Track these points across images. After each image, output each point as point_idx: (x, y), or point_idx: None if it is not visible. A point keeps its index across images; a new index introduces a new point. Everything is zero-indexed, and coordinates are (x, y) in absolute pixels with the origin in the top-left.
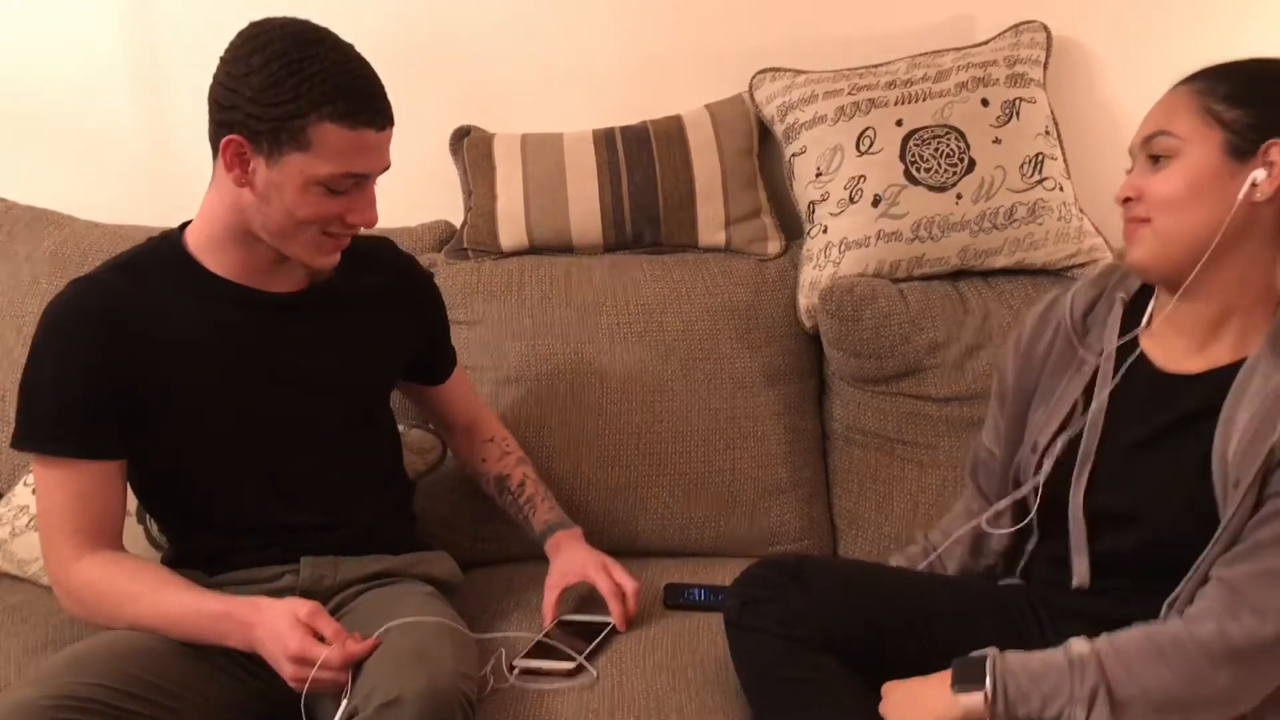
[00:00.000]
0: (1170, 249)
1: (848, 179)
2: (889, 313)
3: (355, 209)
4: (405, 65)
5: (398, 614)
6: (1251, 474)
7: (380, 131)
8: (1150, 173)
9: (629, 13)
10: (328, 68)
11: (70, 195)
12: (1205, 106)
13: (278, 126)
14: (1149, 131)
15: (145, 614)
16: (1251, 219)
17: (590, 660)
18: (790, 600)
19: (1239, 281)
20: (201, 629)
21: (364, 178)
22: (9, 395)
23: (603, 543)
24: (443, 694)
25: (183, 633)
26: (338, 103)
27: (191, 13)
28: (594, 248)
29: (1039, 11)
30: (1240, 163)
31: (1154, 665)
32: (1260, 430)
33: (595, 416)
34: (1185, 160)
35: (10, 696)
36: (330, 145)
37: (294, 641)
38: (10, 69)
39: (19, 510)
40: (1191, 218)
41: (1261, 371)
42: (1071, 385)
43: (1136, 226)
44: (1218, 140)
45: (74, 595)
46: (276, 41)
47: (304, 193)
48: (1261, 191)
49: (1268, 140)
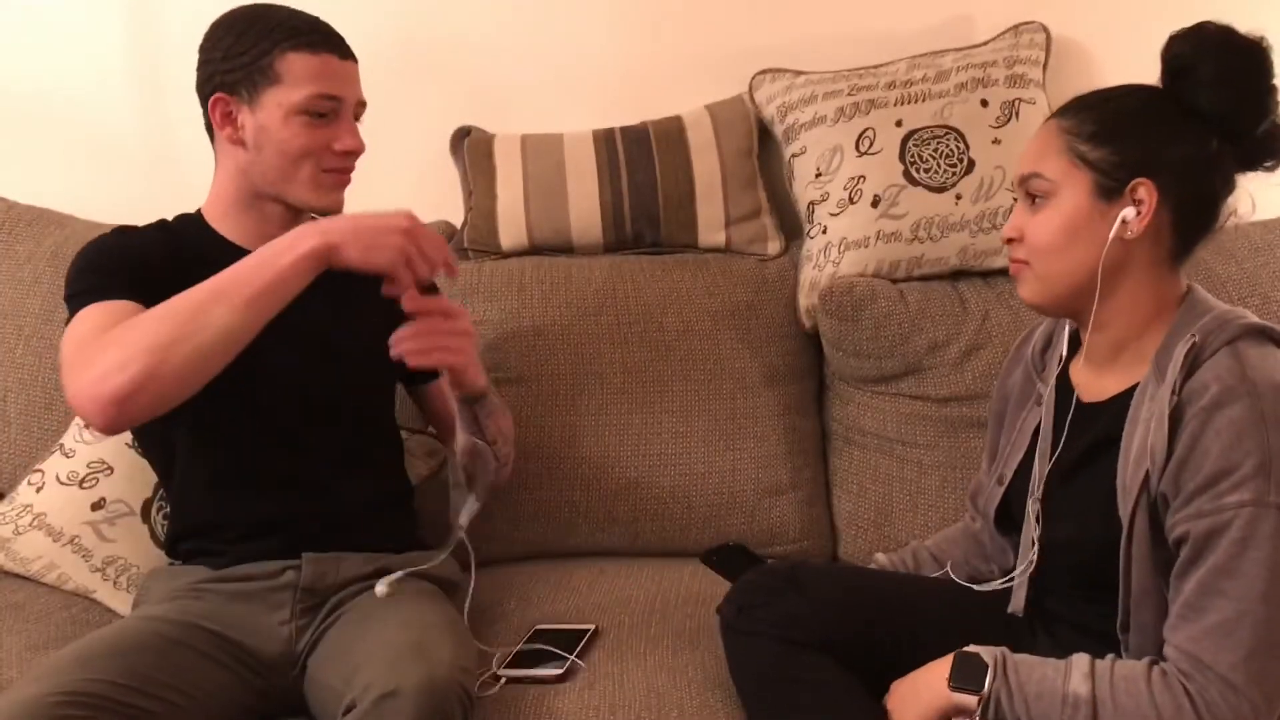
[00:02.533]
0: (1054, 288)
1: (847, 179)
2: (889, 313)
3: (339, 136)
4: (405, 65)
5: (397, 610)
6: (1134, 497)
7: (343, 60)
8: (1029, 213)
9: (629, 13)
10: (283, 15)
11: (71, 195)
12: (1072, 147)
13: (250, 70)
14: (1024, 172)
15: (199, 290)
16: (1127, 254)
17: (573, 668)
18: (787, 604)
19: (1128, 310)
20: (275, 249)
21: (338, 101)
22: (9, 394)
23: (603, 542)
24: (441, 687)
25: (249, 272)
26: (297, 36)
27: (192, 14)
28: (594, 248)
29: (1039, 12)
30: (1109, 202)
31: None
32: (1139, 456)
33: (595, 416)
34: (1059, 203)
35: (16, 693)
36: (297, 72)
37: (401, 220)
38: (12, 69)
39: (22, 509)
40: (1067, 260)
41: (1149, 394)
42: (1029, 419)
43: (1020, 268)
44: (1086, 182)
45: (106, 343)
46: (234, 13)
47: (287, 124)
48: (1131, 230)
49: (1134, 179)
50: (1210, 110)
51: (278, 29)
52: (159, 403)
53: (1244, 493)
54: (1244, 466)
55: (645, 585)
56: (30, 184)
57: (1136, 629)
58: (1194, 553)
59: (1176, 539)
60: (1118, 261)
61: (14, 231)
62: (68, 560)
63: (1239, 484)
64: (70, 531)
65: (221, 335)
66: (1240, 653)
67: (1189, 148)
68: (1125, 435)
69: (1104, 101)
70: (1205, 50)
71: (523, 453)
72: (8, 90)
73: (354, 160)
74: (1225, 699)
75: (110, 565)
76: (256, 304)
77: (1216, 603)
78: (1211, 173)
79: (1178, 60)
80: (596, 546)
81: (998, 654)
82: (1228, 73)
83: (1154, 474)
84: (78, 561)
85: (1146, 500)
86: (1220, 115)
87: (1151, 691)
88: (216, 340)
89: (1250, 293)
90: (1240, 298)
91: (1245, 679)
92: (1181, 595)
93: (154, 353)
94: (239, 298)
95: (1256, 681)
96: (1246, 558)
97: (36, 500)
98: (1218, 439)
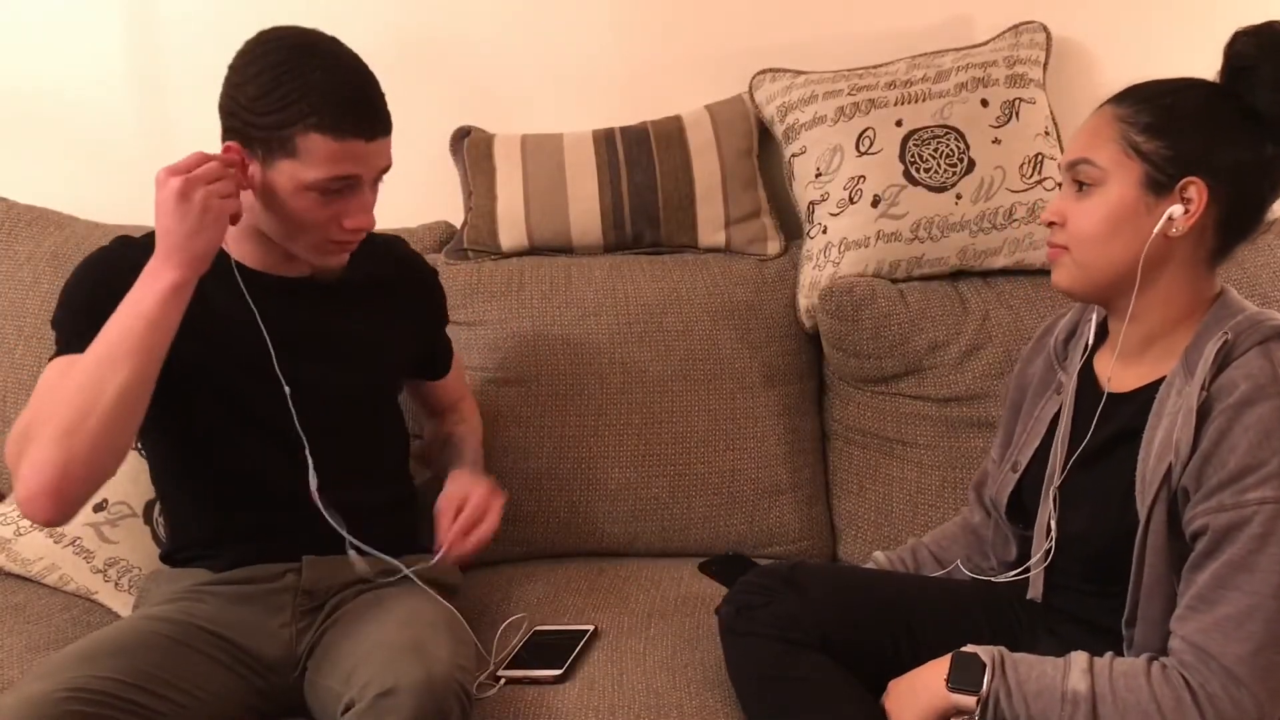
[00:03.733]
0: (1090, 276)
1: (847, 179)
2: (889, 313)
3: (350, 213)
4: (406, 65)
5: (395, 610)
6: (1154, 490)
7: (370, 141)
8: (1075, 199)
9: (629, 13)
10: (317, 79)
11: (71, 195)
12: (1125, 136)
13: (269, 135)
14: (1074, 158)
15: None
16: (1168, 250)
17: (572, 668)
18: (786, 604)
19: (1163, 303)
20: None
21: (355, 180)
22: (9, 395)
23: (603, 542)
24: (439, 685)
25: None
26: (323, 114)
27: (192, 14)
28: (594, 248)
29: (1039, 12)
30: (1158, 197)
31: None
32: (1162, 450)
33: (595, 416)
34: (1106, 192)
35: (22, 690)
36: (316, 154)
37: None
38: (12, 70)
39: None
40: (1108, 251)
41: (1176, 388)
42: (1047, 407)
43: (1057, 253)
44: (1137, 173)
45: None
46: (272, 53)
47: (297, 197)
48: (1177, 227)
49: (1185, 177)
50: (1268, 112)
51: (306, 98)
52: (90, 480)
53: (1267, 489)
54: (1269, 464)
55: (645, 585)
56: (30, 184)
57: (1143, 622)
58: (1211, 545)
59: (1194, 532)
60: (1158, 256)
61: (14, 231)
62: (69, 561)
63: (1263, 480)
64: (71, 533)
65: (121, 396)
66: (1248, 646)
67: (1244, 151)
68: (1149, 428)
69: (1163, 94)
70: (1269, 51)
71: (523, 452)
72: (8, 90)
73: (363, 233)
74: (1228, 692)
75: (112, 567)
76: (140, 354)
77: (1229, 595)
78: (1263, 177)
79: (1240, 59)
80: (596, 546)
81: (995, 653)
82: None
83: (1177, 467)
84: (79, 563)
85: (1167, 493)
86: (1278, 118)
87: (1152, 685)
88: (118, 403)
89: (1250, 293)
90: None
91: (1250, 673)
92: (1193, 587)
93: (61, 441)
94: (122, 355)
95: (1261, 677)
96: (1265, 553)
97: None
98: (1245, 435)
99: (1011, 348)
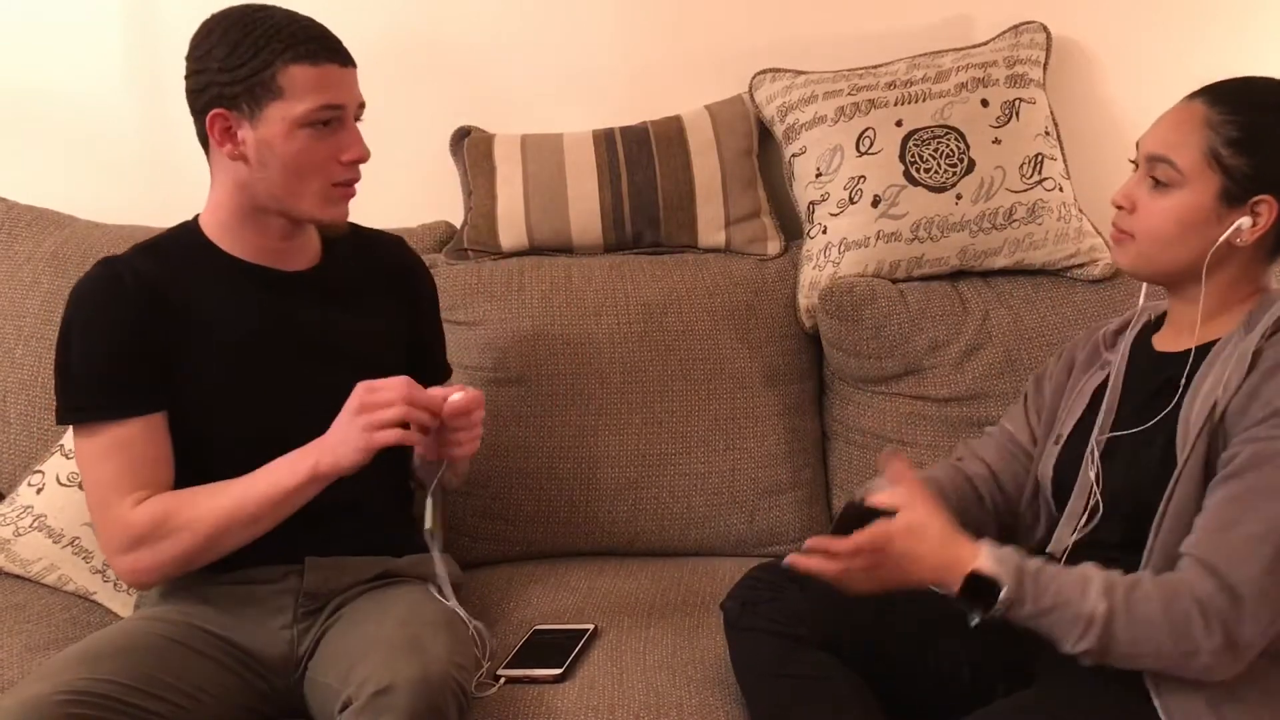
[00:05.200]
0: (1151, 265)
1: (847, 179)
2: (889, 313)
3: (344, 146)
4: (405, 65)
5: (396, 611)
6: (1197, 430)
7: (344, 67)
8: (1147, 191)
9: (629, 13)
10: (279, 21)
11: (71, 195)
12: (1212, 148)
13: (250, 83)
14: (1154, 151)
15: (222, 504)
16: (1229, 252)
17: (573, 667)
18: (790, 601)
19: (1226, 289)
20: (279, 480)
21: (341, 109)
22: (9, 395)
23: (603, 542)
24: (436, 682)
25: (265, 496)
26: (297, 46)
27: (192, 14)
28: (594, 248)
29: (1039, 12)
30: (1230, 208)
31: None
32: (1210, 392)
33: (595, 416)
34: (1181, 196)
35: (22, 691)
36: (300, 85)
37: (353, 400)
38: (12, 70)
39: (22, 510)
40: (1173, 250)
41: (1234, 342)
42: (1091, 379)
43: (1123, 238)
44: (1215, 184)
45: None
46: (227, 18)
47: (291, 139)
48: (1243, 239)
49: (1259, 194)
50: None
51: (275, 39)
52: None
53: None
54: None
55: (645, 585)
56: (30, 184)
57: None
58: (1237, 469)
59: (1226, 459)
60: (1219, 257)
61: (13, 232)
62: (68, 562)
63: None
64: (71, 533)
65: (242, 541)
66: (1257, 568)
67: None
68: (1199, 376)
69: (1255, 107)
70: None
71: (523, 452)
72: (8, 90)
73: (359, 171)
74: (1234, 609)
75: (111, 567)
76: (270, 520)
77: (1247, 516)
78: None
79: None
80: (596, 546)
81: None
82: None
83: (1222, 402)
84: (78, 563)
85: (1208, 432)
86: None
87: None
88: (239, 544)
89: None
90: None
91: (1255, 593)
92: (1211, 507)
93: (180, 562)
94: (256, 518)
95: (1264, 599)
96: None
97: (37, 502)
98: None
99: (1011, 348)
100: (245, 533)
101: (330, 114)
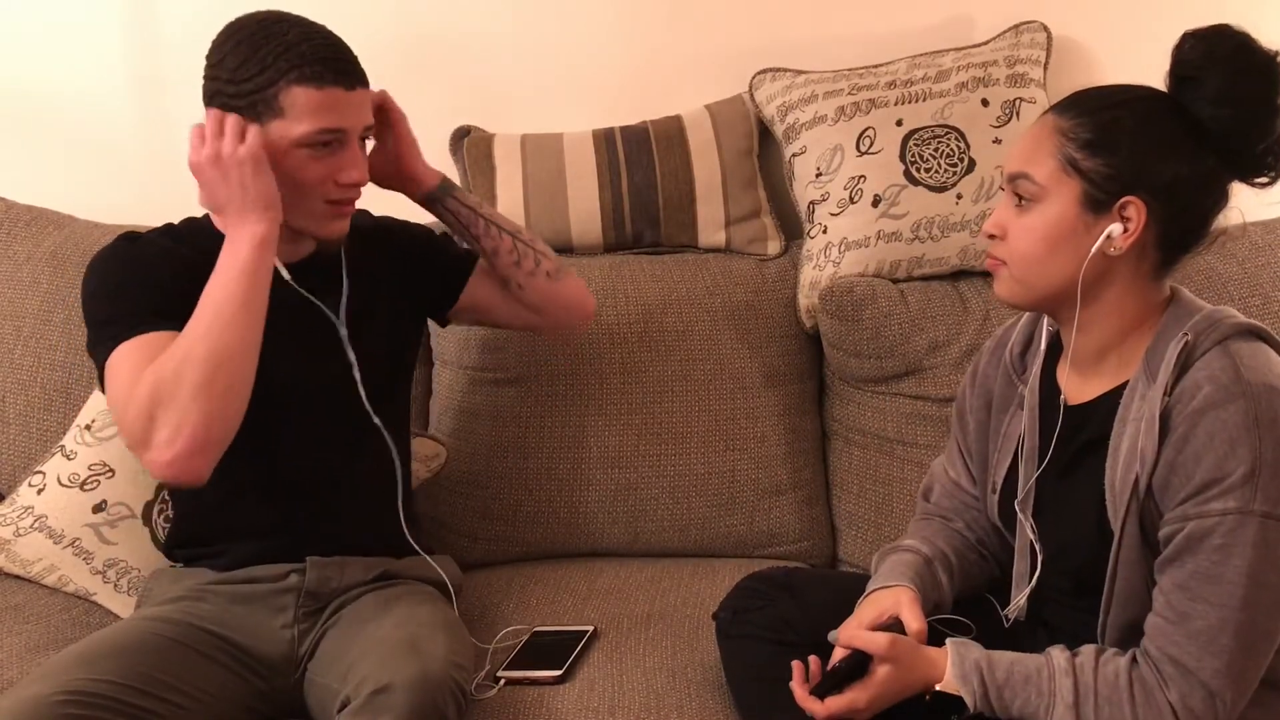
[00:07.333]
0: (1030, 292)
1: (848, 179)
2: (889, 313)
3: (342, 167)
4: (405, 65)
5: (394, 610)
6: (1125, 502)
7: (350, 90)
8: (1014, 213)
9: (629, 13)
10: (293, 38)
11: (70, 195)
12: (1066, 154)
13: (253, 99)
14: (1013, 171)
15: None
16: (1109, 266)
17: (573, 668)
18: (781, 608)
19: (1112, 315)
20: None
21: (341, 133)
22: (8, 395)
23: (603, 542)
24: (434, 682)
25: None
26: (303, 67)
27: (192, 14)
28: (594, 248)
29: (1039, 11)
30: (1096, 215)
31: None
32: (1129, 458)
33: (595, 416)
34: (1044, 210)
35: (20, 692)
36: (301, 107)
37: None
38: (11, 70)
39: (23, 511)
40: (1047, 268)
41: (1139, 393)
42: (1013, 424)
43: (997, 265)
44: (1075, 191)
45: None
46: (245, 27)
47: (289, 157)
48: (1115, 246)
49: (1124, 195)
50: (1211, 126)
51: (283, 57)
52: (228, 435)
53: (1229, 500)
54: (1233, 474)
55: (644, 586)
56: (30, 184)
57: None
58: (1177, 552)
59: (1164, 537)
60: (1098, 272)
61: (12, 232)
62: (68, 562)
63: (1226, 491)
64: (71, 534)
65: (241, 349)
66: (1224, 659)
67: (1184, 166)
68: (1114, 435)
69: (1104, 107)
70: (1215, 62)
71: (522, 452)
72: (8, 90)
73: (358, 190)
74: (1207, 705)
75: (111, 568)
76: (248, 308)
77: (1198, 608)
78: (1205, 192)
79: (1184, 67)
80: (596, 546)
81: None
82: (1234, 91)
83: (1143, 478)
84: (78, 564)
85: (1137, 505)
86: (1220, 133)
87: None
88: (240, 356)
89: (1251, 293)
90: (1241, 298)
91: (1226, 684)
92: (1163, 595)
93: (199, 401)
94: (232, 313)
95: (1235, 684)
96: (1229, 565)
97: (37, 502)
98: (1209, 444)
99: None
100: (238, 335)
101: (329, 137)
